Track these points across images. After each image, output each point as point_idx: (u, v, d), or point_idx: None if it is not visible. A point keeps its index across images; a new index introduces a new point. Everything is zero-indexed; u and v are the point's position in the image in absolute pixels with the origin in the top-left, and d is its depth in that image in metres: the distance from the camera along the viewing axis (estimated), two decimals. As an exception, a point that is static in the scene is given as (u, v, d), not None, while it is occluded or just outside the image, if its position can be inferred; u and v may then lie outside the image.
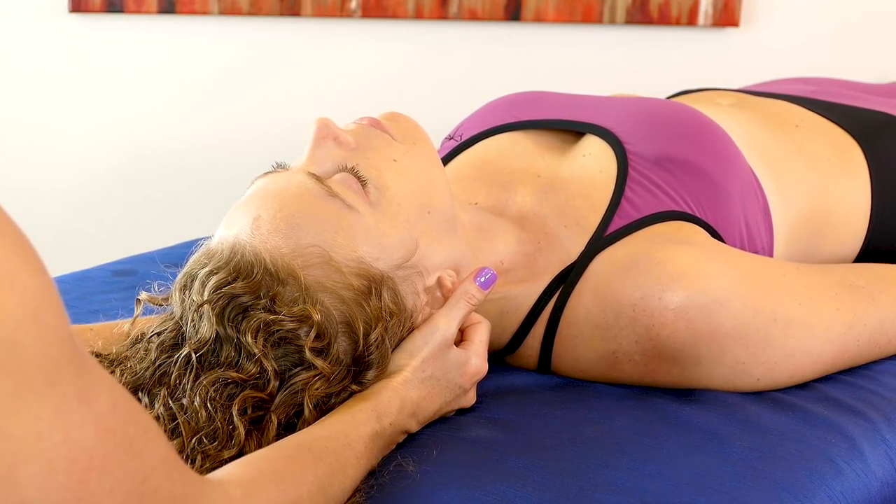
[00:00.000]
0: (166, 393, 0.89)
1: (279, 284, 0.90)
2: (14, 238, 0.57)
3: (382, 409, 0.91)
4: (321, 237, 0.93)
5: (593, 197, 1.15)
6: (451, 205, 1.02)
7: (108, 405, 0.60)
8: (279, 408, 0.89)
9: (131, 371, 0.91)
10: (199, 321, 0.90)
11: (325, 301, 0.91)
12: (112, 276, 1.42)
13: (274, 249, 0.92)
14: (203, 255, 0.95)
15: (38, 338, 0.56)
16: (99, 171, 2.15)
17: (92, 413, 0.59)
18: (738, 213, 1.19)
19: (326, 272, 0.92)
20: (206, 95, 2.17)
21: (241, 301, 0.89)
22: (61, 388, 0.57)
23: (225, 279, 0.90)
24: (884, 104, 1.48)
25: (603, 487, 0.90)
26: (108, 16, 2.06)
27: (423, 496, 0.88)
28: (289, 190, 0.95)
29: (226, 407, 0.87)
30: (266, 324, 0.89)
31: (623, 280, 1.07)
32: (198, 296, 0.91)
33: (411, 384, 0.95)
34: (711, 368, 1.07)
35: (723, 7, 2.29)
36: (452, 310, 0.98)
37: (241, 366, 0.89)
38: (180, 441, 0.86)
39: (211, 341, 0.89)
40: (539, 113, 1.28)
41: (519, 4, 2.20)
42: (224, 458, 0.85)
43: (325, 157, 0.98)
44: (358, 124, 1.02)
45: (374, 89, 2.22)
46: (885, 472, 1.00)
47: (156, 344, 0.92)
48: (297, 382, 0.89)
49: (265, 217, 0.93)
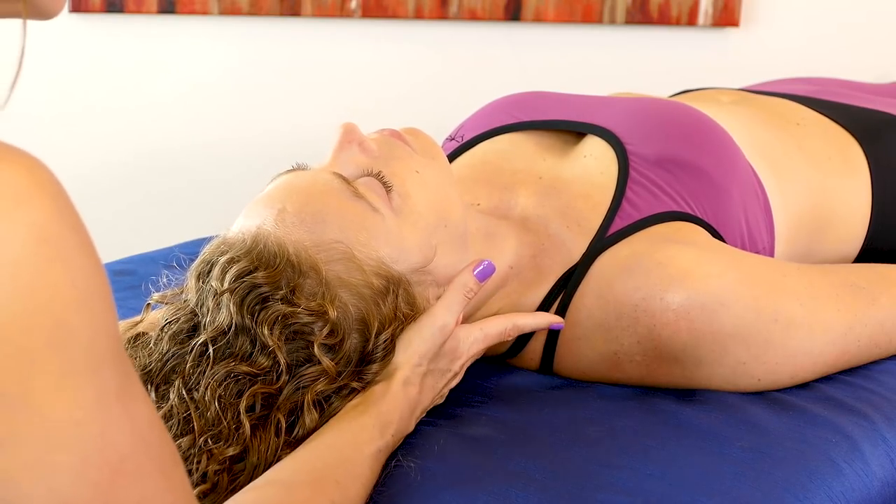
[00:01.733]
0: (181, 383, 0.88)
1: (300, 277, 0.90)
2: (72, 219, 0.56)
3: (385, 420, 0.91)
4: (345, 234, 0.93)
5: (594, 198, 1.15)
6: (464, 220, 1.04)
7: (147, 417, 0.59)
8: (284, 404, 0.88)
9: (139, 365, 0.90)
10: (217, 310, 0.90)
11: (344, 297, 0.92)
12: (112, 276, 1.42)
13: (297, 242, 0.92)
14: (222, 244, 0.94)
15: (86, 322, 0.55)
16: (99, 170, 2.15)
17: (128, 415, 0.57)
18: (739, 212, 1.19)
19: (348, 269, 0.93)
20: (206, 95, 2.17)
21: (262, 291, 0.89)
22: (103, 380, 0.56)
23: (246, 268, 0.90)
24: (884, 104, 1.48)
25: (604, 488, 0.90)
26: (108, 16, 2.06)
27: (424, 495, 0.88)
28: (315, 186, 0.96)
29: (234, 404, 0.87)
30: (283, 316, 0.89)
31: (625, 281, 1.07)
32: (217, 283, 0.90)
33: (410, 382, 0.94)
34: (713, 369, 1.07)
35: (723, 7, 2.29)
36: (450, 303, 0.98)
37: (254, 359, 0.88)
38: (191, 437, 0.85)
39: (228, 330, 0.89)
40: (540, 114, 1.28)
41: (519, 4, 2.20)
42: (228, 456, 0.85)
43: (348, 160, 0.99)
44: (380, 134, 1.04)
45: (374, 89, 2.23)
46: (886, 472, 1.00)
47: (169, 333, 0.91)
48: (303, 379, 0.89)
49: (290, 210, 0.93)
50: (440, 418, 1.01)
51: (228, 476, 0.86)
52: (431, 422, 1.00)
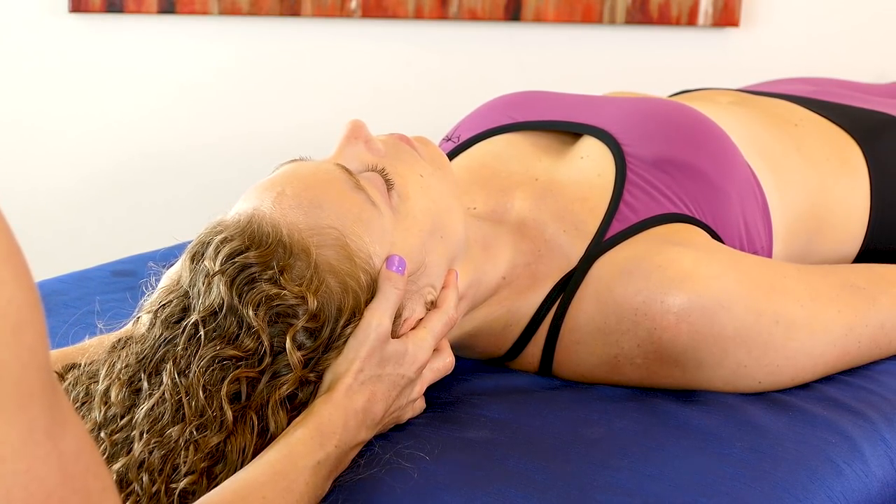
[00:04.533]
0: (172, 367, 0.87)
1: (291, 258, 0.90)
2: (6, 247, 0.53)
3: (326, 430, 0.88)
4: (341, 222, 0.93)
5: (591, 201, 1.15)
6: (463, 238, 1.03)
7: (75, 449, 0.57)
8: (259, 396, 0.87)
9: (133, 353, 0.90)
10: (209, 290, 0.89)
11: (331, 283, 0.91)
12: (112, 276, 1.42)
13: (292, 224, 0.92)
14: (218, 224, 0.94)
15: (15, 355, 0.53)
16: (99, 170, 2.15)
17: (57, 451, 0.56)
18: (737, 213, 1.19)
19: (338, 256, 0.92)
20: (206, 95, 2.17)
21: (251, 271, 0.89)
22: (31, 416, 0.54)
23: (238, 248, 0.90)
24: (884, 104, 1.48)
25: (604, 488, 0.90)
26: (108, 16, 2.06)
27: (424, 496, 0.88)
28: (317, 175, 0.96)
29: (218, 390, 0.86)
30: (269, 297, 0.88)
31: (624, 284, 1.07)
32: (210, 262, 0.90)
33: (353, 390, 0.90)
34: (713, 371, 1.06)
35: (723, 7, 2.29)
36: (380, 303, 0.93)
37: (240, 340, 0.87)
38: (182, 426, 0.85)
39: (218, 310, 0.88)
40: (536, 114, 1.28)
41: (519, 4, 2.20)
42: (212, 444, 0.85)
43: (354, 156, 0.99)
44: (389, 136, 1.03)
45: (374, 89, 2.22)
46: (885, 473, 1.00)
47: (161, 317, 0.90)
48: (280, 368, 0.88)
49: (289, 193, 0.93)
50: (440, 420, 1.01)
51: (208, 480, 0.85)
52: (431, 423, 1.00)
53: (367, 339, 0.91)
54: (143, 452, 0.85)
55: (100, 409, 0.88)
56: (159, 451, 0.85)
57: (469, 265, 1.04)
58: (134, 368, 0.89)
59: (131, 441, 0.86)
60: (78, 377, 0.92)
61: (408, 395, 0.97)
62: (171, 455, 0.85)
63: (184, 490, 0.84)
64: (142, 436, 0.85)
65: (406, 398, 0.97)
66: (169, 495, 0.84)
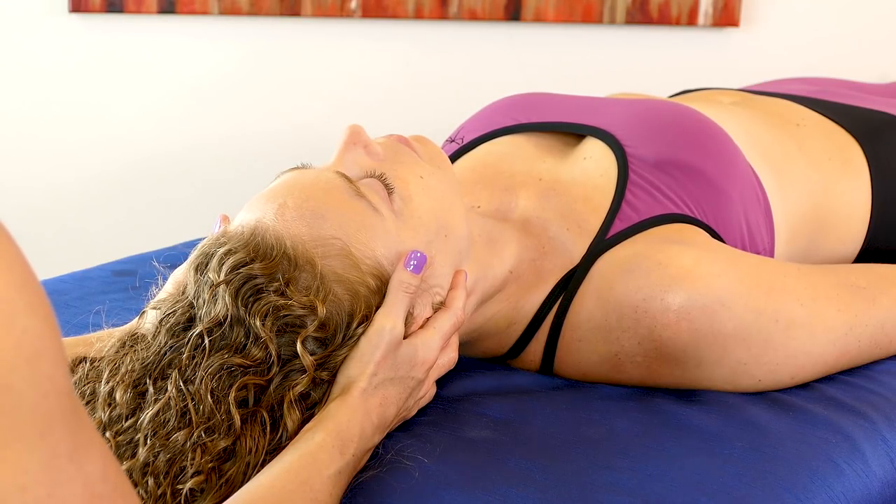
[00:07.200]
0: (178, 375, 0.87)
1: (296, 270, 0.90)
2: (21, 277, 0.54)
3: (345, 436, 0.88)
4: (344, 231, 0.93)
5: (594, 200, 1.15)
6: (467, 235, 1.03)
7: (99, 471, 0.57)
8: (269, 397, 0.88)
9: (139, 359, 0.90)
10: (213, 301, 0.89)
11: (339, 292, 0.92)
12: (112, 276, 1.42)
13: (296, 236, 0.92)
14: (221, 235, 0.94)
15: (32, 385, 0.53)
16: (99, 170, 2.15)
17: (81, 474, 0.56)
18: (739, 214, 1.19)
19: (344, 265, 0.92)
20: (206, 95, 2.17)
21: (257, 283, 0.89)
22: (52, 442, 0.54)
23: (243, 259, 0.90)
24: (884, 104, 1.48)
25: (605, 488, 0.90)
26: (108, 16, 2.06)
27: (425, 496, 0.88)
28: (317, 184, 0.96)
29: (226, 395, 0.87)
30: (276, 308, 0.88)
31: (625, 282, 1.07)
32: (214, 274, 0.90)
33: (368, 393, 0.91)
34: (713, 369, 1.07)
35: (723, 7, 2.29)
36: (392, 306, 0.93)
37: (247, 350, 0.88)
38: (188, 431, 0.85)
39: (224, 322, 0.88)
40: (539, 115, 1.28)
41: (519, 4, 2.20)
42: (220, 448, 0.85)
43: (353, 162, 0.99)
44: (387, 139, 1.03)
45: (375, 89, 2.23)
46: (886, 472, 1.00)
47: (166, 326, 0.91)
48: (292, 374, 0.89)
49: (291, 205, 0.94)
50: (441, 419, 1.01)
51: (217, 476, 0.85)
52: (432, 422, 1.00)
53: (382, 342, 0.92)
54: (147, 456, 0.85)
55: (104, 409, 0.88)
56: (165, 454, 0.85)
57: (475, 261, 1.04)
58: (139, 373, 0.89)
59: (136, 444, 0.86)
60: (86, 373, 0.92)
61: (416, 396, 0.98)
62: (177, 458, 0.85)
63: (191, 490, 0.84)
64: (146, 440, 0.85)
65: (414, 399, 0.98)
66: (175, 497, 0.84)
